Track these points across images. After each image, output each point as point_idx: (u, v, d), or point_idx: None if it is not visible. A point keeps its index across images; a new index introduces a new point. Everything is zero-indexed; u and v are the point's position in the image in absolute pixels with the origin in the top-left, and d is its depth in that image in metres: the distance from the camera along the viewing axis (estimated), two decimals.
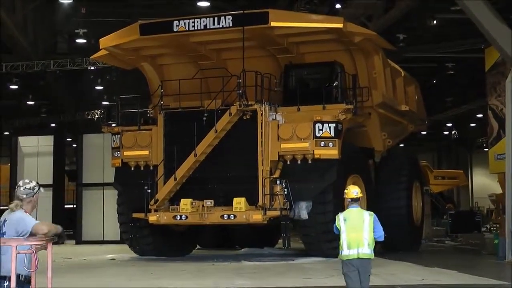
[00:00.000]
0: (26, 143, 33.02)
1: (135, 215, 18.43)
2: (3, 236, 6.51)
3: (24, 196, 6.73)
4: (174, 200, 18.11)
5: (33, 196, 6.77)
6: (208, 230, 22.08)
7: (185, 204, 17.68)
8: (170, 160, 18.05)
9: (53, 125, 38.07)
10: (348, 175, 18.39)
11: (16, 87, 33.93)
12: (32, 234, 6.52)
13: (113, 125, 19.41)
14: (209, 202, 17.68)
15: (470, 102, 39.26)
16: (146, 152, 18.73)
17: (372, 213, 8.81)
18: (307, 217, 17.51)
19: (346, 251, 8.59)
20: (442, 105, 41.88)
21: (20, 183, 6.83)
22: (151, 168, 18.63)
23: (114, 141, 19.22)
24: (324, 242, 17.61)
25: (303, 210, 17.49)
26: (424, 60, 34.48)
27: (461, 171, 44.17)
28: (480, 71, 23.44)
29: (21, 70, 30.18)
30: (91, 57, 22.60)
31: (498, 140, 21.21)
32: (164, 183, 18.02)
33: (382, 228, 8.75)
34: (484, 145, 40.72)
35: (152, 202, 17.92)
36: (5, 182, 35.44)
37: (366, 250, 8.58)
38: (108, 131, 19.51)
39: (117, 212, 20.18)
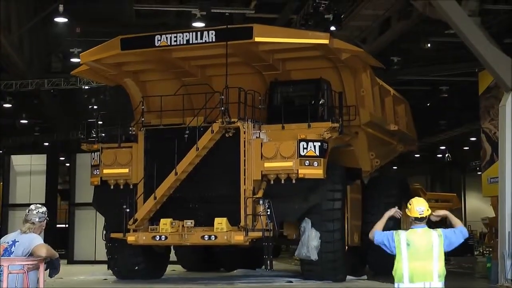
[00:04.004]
0: (19, 161, 32.93)
1: (113, 235, 17.85)
2: (10, 256, 6.61)
3: (37, 219, 6.97)
4: (153, 220, 17.54)
5: (43, 221, 7.04)
6: (193, 252, 21.56)
7: (165, 224, 17.11)
8: (150, 178, 17.49)
9: (47, 144, 37.88)
10: (345, 199, 18.04)
11: (9, 105, 33.74)
12: (30, 254, 6.67)
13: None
14: (189, 222, 17.08)
15: (463, 125, 39.06)
16: (126, 170, 18.15)
17: (441, 231, 7.00)
18: (317, 258, 16.96)
19: (407, 285, 6.80)
20: (435, 128, 41.77)
21: (32, 207, 7.10)
22: (131, 186, 18.06)
23: (93, 158, 18.73)
24: (329, 275, 17.32)
25: (313, 251, 16.90)
26: (418, 83, 34.32)
27: (454, 194, 43.93)
28: (474, 95, 23.08)
29: (15, 89, 29.97)
30: (71, 73, 22.18)
31: (491, 164, 20.90)
32: (144, 202, 17.50)
33: (457, 228, 7.11)
34: (477, 168, 40.39)
35: (131, 222, 17.37)
36: None
37: (436, 284, 6.73)
38: (87, 148, 19.06)
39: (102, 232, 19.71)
